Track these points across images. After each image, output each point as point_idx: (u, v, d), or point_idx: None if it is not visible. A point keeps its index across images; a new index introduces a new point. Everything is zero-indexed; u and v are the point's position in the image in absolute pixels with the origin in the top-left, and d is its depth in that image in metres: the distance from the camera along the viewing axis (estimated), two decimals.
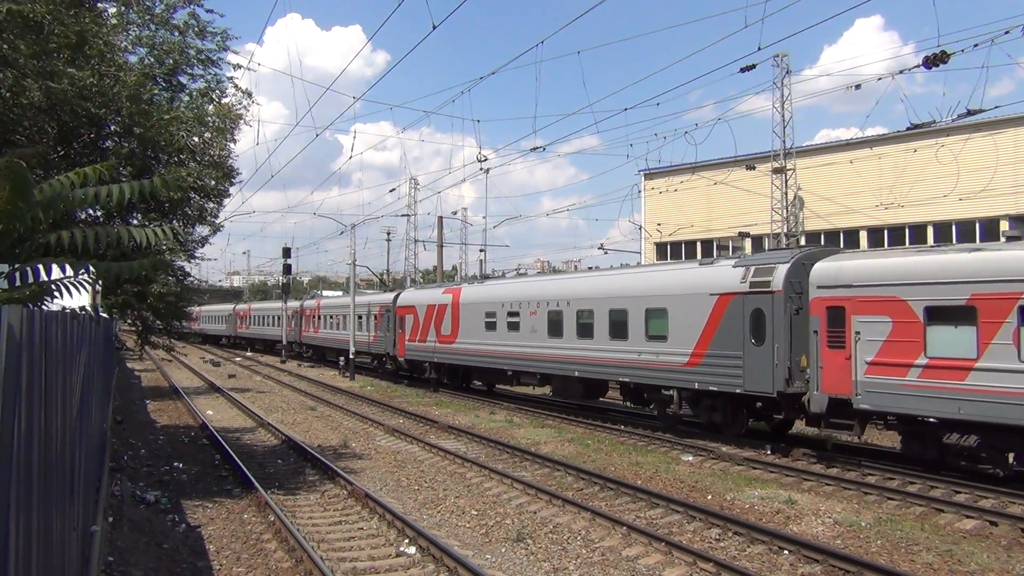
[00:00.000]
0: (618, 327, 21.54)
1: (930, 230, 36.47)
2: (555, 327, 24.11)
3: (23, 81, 10.78)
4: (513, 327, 26.26)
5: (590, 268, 38.90)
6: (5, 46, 10.21)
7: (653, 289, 20.75)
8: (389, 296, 38.47)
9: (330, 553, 10.53)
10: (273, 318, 60.19)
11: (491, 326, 27.61)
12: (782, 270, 17.19)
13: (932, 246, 19.41)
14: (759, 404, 18.20)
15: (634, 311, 20.99)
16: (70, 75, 11.33)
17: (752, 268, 17.92)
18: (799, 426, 19.24)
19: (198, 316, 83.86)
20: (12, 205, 4.63)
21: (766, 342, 17.11)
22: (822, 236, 40.30)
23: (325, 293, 64.91)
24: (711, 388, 18.57)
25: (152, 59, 15.16)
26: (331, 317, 47.74)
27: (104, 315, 15.78)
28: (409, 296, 36.13)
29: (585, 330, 22.80)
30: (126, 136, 14.10)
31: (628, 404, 24.07)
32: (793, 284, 17.02)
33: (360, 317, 41.24)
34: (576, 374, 23.26)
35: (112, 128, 14.17)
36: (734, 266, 18.55)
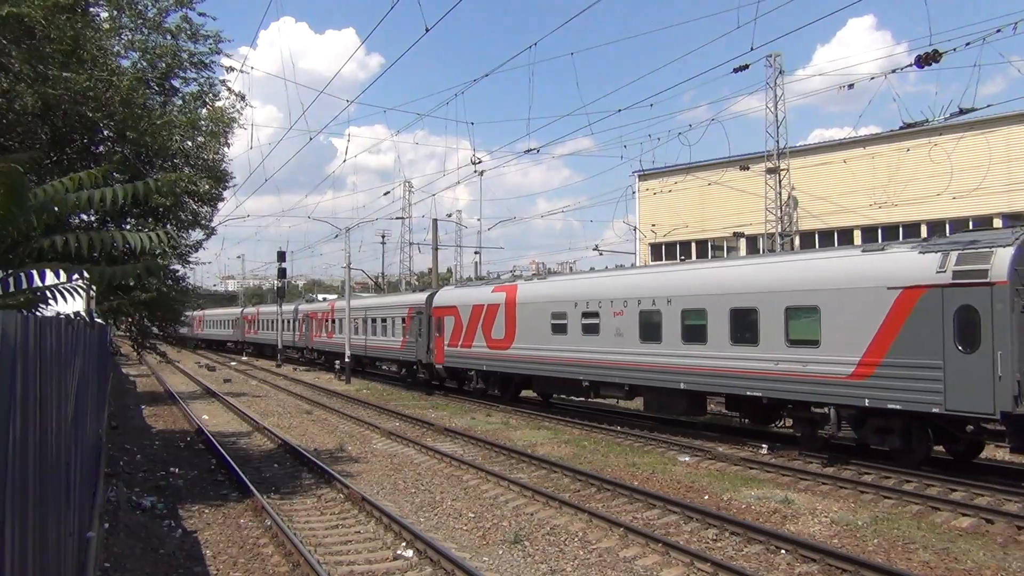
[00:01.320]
0: (744, 329, 17.89)
1: (924, 229, 36.56)
2: (650, 329, 20.38)
3: (16, 86, 10.76)
4: (590, 330, 22.49)
5: (684, 259, 37.60)
6: None
7: (797, 283, 16.93)
8: (421, 296, 34.54)
9: (327, 557, 10.51)
10: (286, 322, 56.72)
11: (559, 328, 23.85)
12: (1005, 255, 13.49)
13: None
14: (969, 428, 14.32)
15: (768, 310, 17.24)
16: (64, 80, 11.31)
17: (954, 254, 14.23)
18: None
19: (202, 320, 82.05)
20: (5, 210, 4.61)
21: (981, 348, 13.55)
22: (816, 236, 40.42)
23: (321, 296, 64.75)
24: (890, 406, 14.95)
25: (145, 63, 15.13)
26: (339, 324, 44.77)
27: (99, 320, 15.74)
28: (449, 295, 31.87)
29: (694, 333, 19.08)
30: (119, 141, 14.07)
31: (744, 421, 19.94)
32: (1020, 273, 13.47)
33: (383, 320, 38.13)
34: (681, 386, 19.35)
35: (105, 133, 14.14)
36: (921, 252, 14.95)
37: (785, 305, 17.01)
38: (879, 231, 38.05)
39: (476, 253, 68.00)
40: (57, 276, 5.05)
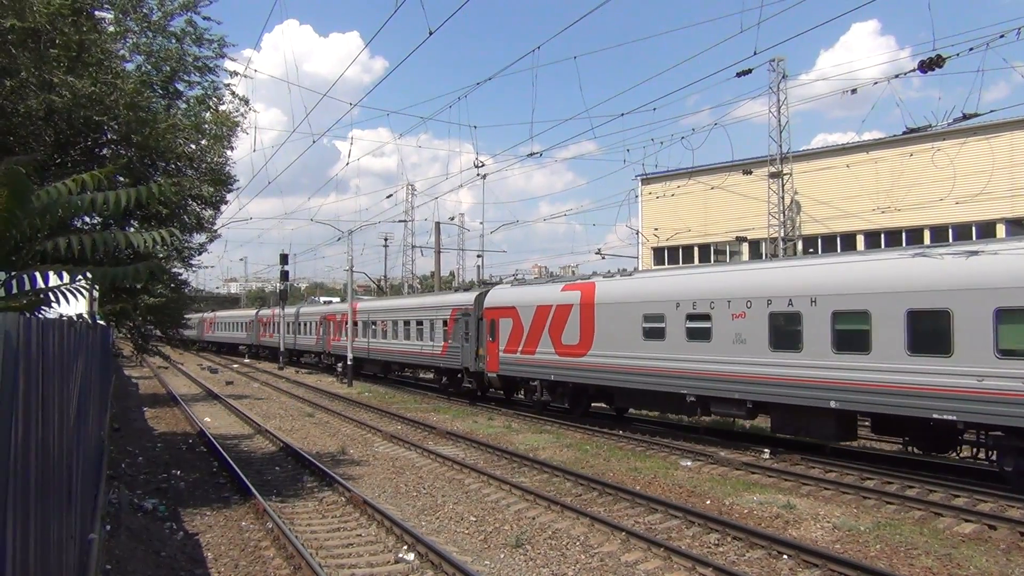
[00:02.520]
0: (931, 338, 14.44)
1: (927, 234, 36.55)
2: (785, 336, 16.97)
3: (21, 90, 10.79)
4: (698, 335, 18.96)
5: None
6: (5, 57, 10.22)
7: (1008, 278, 13.37)
8: (469, 296, 30.66)
9: (328, 560, 10.50)
10: (309, 325, 52.25)
11: (654, 333, 20.33)
12: None
13: None
14: None
15: (968, 312, 13.75)
16: (69, 85, 11.34)
17: None
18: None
19: (213, 323, 79.63)
20: (9, 212, 4.62)
21: None
22: (819, 240, 40.39)
23: (323, 299, 64.74)
24: None
25: (149, 66, 15.17)
26: (374, 324, 40.39)
27: (101, 322, 15.77)
28: (505, 295, 27.68)
29: (852, 341, 15.68)
30: (123, 144, 14.10)
31: (913, 450, 16.26)
32: None
33: (419, 323, 34.38)
34: (832, 404, 15.77)
35: (109, 136, 14.18)
36: None
37: (995, 306, 13.38)
38: (882, 236, 38.03)
39: (479, 257, 68.01)
40: (60, 278, 5.06)
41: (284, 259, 56.88)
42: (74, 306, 5.55)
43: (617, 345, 21.58)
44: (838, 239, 39.85)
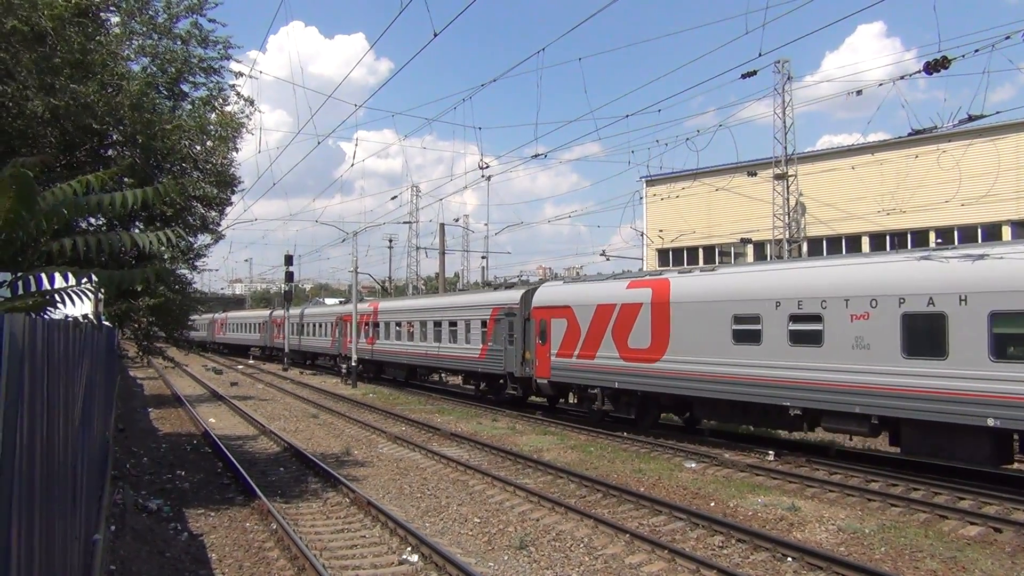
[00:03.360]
0: None
1: (932, 236, 36.46)
2: (924, 340, 14.72)
3: (25, 92, 10.82)
4: (805, 338, 16.63)
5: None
6: (8, 58, 10.25)
7: None
8: (514, 295, 27.58)
9: (332, 561, 10.51)
10: (324, 326, 49.39)
11: (747, 336, 17.90)
12: None
13: None
14: None
15: None
16: (72, 91, 11.37)
17: None
18: (800, 434, 19.10)
19: (224, 323, 77.50)
20: (15, 213, 4.64)
21: None
22: (824, 242, 40.31)
23: (327, 300, 64.75)
24: None
25: (155, 68, 15.20)
26: (398, 325, 37.70)
27: (106, 323, 15.80)
28: (558, 293, 24.99)
29: (1018, 347, 13.56)
30: (128, 145, 14.13)
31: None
32: None
33: (452, 324, 31.70)
34: (991, 423, 13.46)
35: (114, 137, 14.21)
36: None
37: None
38: (887, 238, 37.95)
39: (483, 258, 68.02)
40: (66, 279, 5.08)
41: (289, 260, 56.95)
42: (79, 307, 5.56)
43: (699, 349, 19.02)
44: (843, 241, 39.79)
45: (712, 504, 13.83)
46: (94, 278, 5.25)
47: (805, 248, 39.98)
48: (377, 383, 39.49)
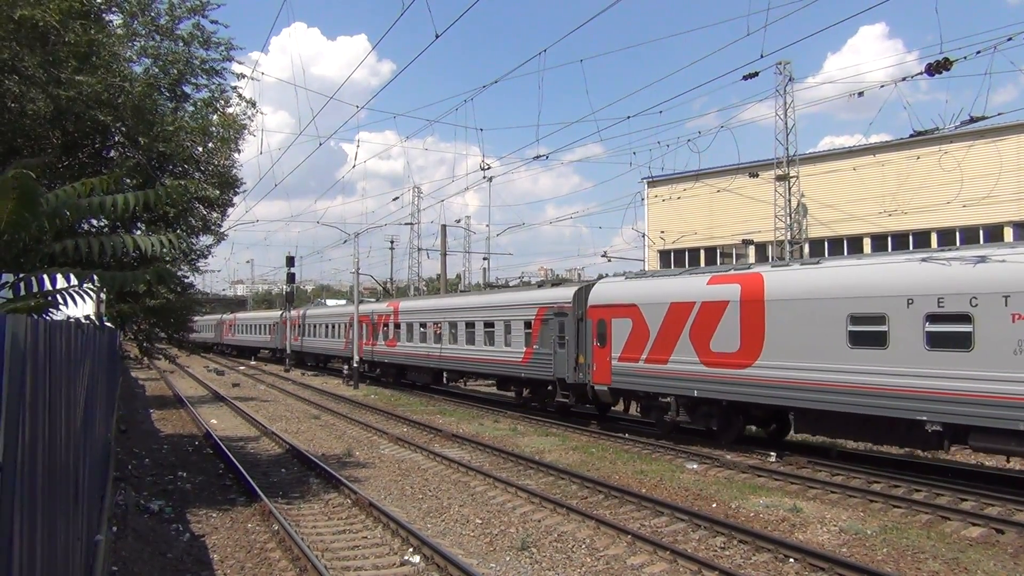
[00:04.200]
0: None
1: (934, 237, 36.46)
2: None
3: (29, 91, 10.84)
4: (948, 342, 14.31)
5: None
6: (9, 52, 10.27)
7: None
8: (565, 292, 24.89)
9: (334, 562, 10.52)
10: (336, 327, 46.96)
11: (868, 339, 15.54)
12: None
13: None
14: None
15: None
16: (78, 83, 11.39)
17: None
18: (802, 435, 19.07)
19: (232, 325, 75.40)
20: (18, 215, 4.65)
21: None
22: (826, 243, 40.31)
23: (329, 302, 64.72)
24: None
25: (157, 69, 15.22)
26: (422, 327, 34.89)
27: (108, 324, 15.82)
28: (620, 290, 22.33)
29: None
30: (131, 146, 14.15)
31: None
32: None
33: (488, 325, 29.15)
34: None
35: (117, 138, 14.23)
36: None
37: None
38: (889, 239, 37.94)
39: (485, 259, 68.04)
40: (68, 280, 5.09)
41: (291, 261, 57.04)
42: (82, 308, 5.57)
43: (802, 354, 16.61)
44: (845, 242, 39.79)
45: (714, 505, 13.81)
46: (96, 279, 5.27)
47: (807, 249, 39.97)
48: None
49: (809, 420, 17.16)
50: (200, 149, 16.04)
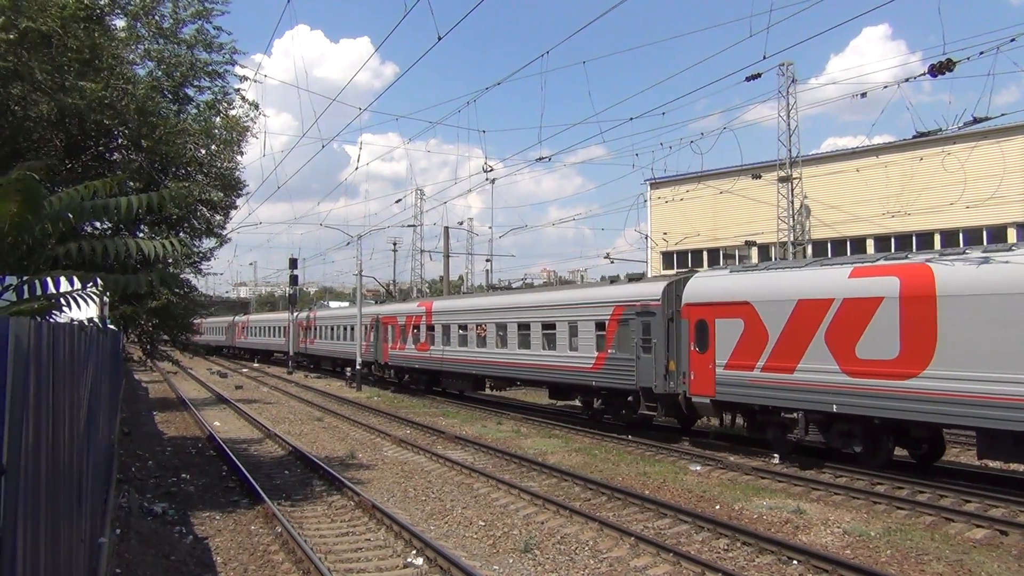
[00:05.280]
0: None
1: (937, 238, 36.42)
2: None
3: (33, 94, 10.87)
4: None
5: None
6: (14, 59, 10.30)
7: None
8: (651, 288, 21.65)
9: (337, 564, 10.52)
10: (348, 329, 44.57)
11: None
12: None
13: None
14: None
15: None
16: (81, 89, 11.42)
17: None
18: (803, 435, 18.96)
19: (245, 327, 72.33)
20: (21, 218, 4.66)
21: None
22: (829, 245, 40.27)
23: (332, 304, 64.72)
24: None
25: (160, 72, 15.27)
26: (462, 328, 31.27)
27: (111, 327, 15.84)
28: (726, 285, 19.25)
29: None
30: (134, 149, 14.19)
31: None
32: None
33: (549, 327, 25.40)
34: None
35: (120, 141, 14.26)
36: None
37: None
38: (892, 240, 37.91)
39: (487, 261, 68.04)
40: (71, 283, 5.09)
41: (294, 263, 57.08)
42: (85, 311, 5.58)
43: (995, 362, 13.59)
44: (848, 243, 39.75)
45: (717, 507, 13.80)
46: (99, 282, 5.27)
47: (810, 251, 39.95)
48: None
49: (1001, 443, 13.93)
50: (203, 151, 16.07)
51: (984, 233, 34.71)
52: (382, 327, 39.16)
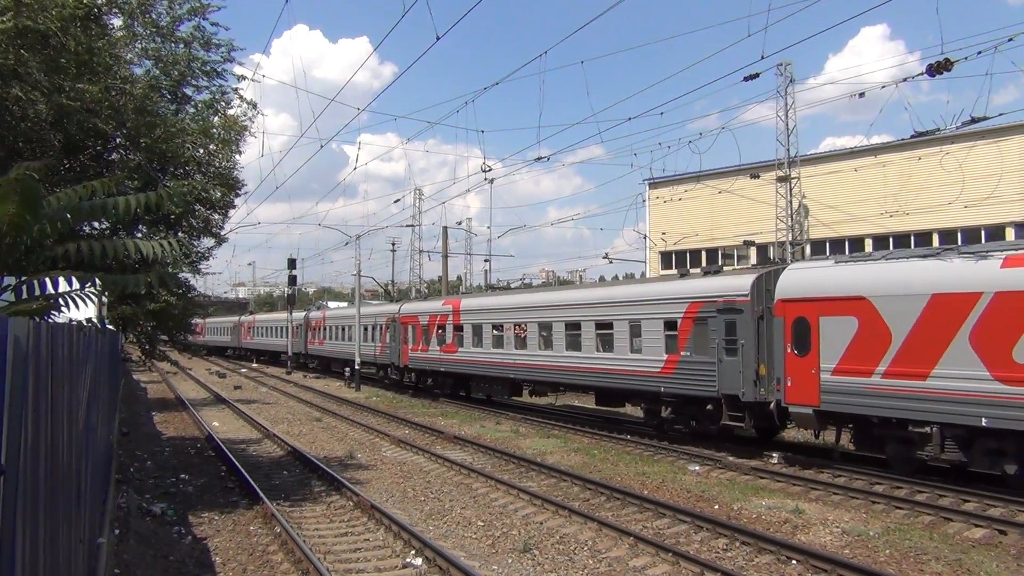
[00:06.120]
0: None
1: (935, 238, 36.44)
2: None
3: (31, 95, 10.85)
4: None
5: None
6: (13, 59, 10.28)
7: None
8: (737, 281, 19.14)
9: (336, 565, 10.51)
10: (368, 330, 41.45)
11: None
12: None
13: None
14: None
15: None
16: (79, 90, 11.41)
17: None
18: (805, 434, 19.00)
19: (252, 327, 69.24)
20: (20, 218, 4.65)
21: None
22: (827, 244, 40.29)
23: (331, 304, 64.62)
24: None
25: (158, 71, 15.25)
26: (496, 328, 28.39)
27: (110, 327, 15.82)
28: (833, 277, 16.87)
29: None
30: (132, 148, 14.17)
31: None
32: None
33: (603, 327, 22.87)
34: None
35: (118, 141, 14.24)
36: None
37: None
38: (890, 240, 37.93)
39: (486, 261, 67.97)
40: (69, 283, 5.09)
41: (292, 264, 56.95)
42: (83, 311, 5.57)
43: None
44: (846, 243, 39.76)
45: (716, 507, 13.80)
46: (98, 282, 5.27)
47: (808, 251, 39.98)
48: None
49: None
50: (201, 151, 16.06)
51: (982, 233, 34.74)
52: (401, 327, 36.49)
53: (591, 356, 23.29)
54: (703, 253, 46.36)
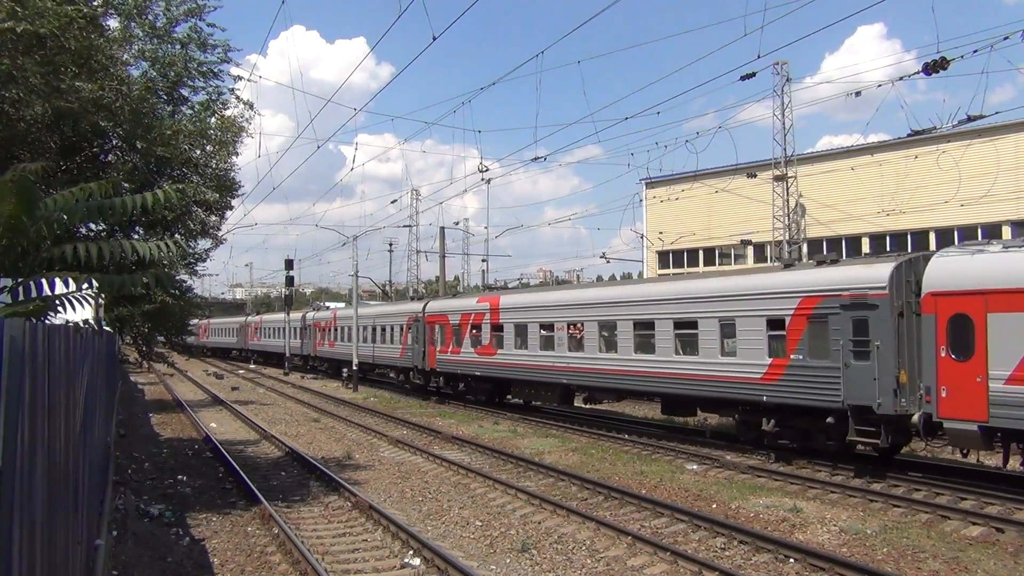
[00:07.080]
0: None
1: (932, 236, 36.50)
2: None
3: (27, 97, 10.84)
4: None
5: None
6: (7, 62, 10.27)
7: None
8: (872, 272, 15.73)
9: (335, 565, 10.51)
10: (387, 331, 38.53)
11: None
12: None
13: None
14: None
15: None
16: (77, 90, 11.39)
17: None
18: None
19: (257, 328, 67.05)
20: (16, 219, 4.65)
21: None
22: (824, 243, 40.33)
23: (331, 305, 64.53)
24: None
25: (154, 72, 15.23)
26: (545, 328, 25.32)
27: (107, 329, 15.81)
28: (1004, 265, 13.69)
29: None
30: (129, 150, 14.16)
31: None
32: None
33: (685, 325, 19.90)
34: None
35: (115, 142, 14.23)
36: None
37: None
38: (887, 239, 38.00)
39: (483, 261, 67.99)
40: (66, 285, 5.09)
41: (289, 264, 56.87)
42: (80, 312, 5.57)
43: None
44: (843, 242, 39.82)
45: (714, 506, 13.81)
46: (94, 283, 5.27)
47: (805, 249, 40.03)
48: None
49: None
50: (198, 152, 16.04)
51: (979, 231, 34.80)
52: (426, 327, 33.12)
53: (667, 360, 20.21)
54: (700, 252, 46.44)
